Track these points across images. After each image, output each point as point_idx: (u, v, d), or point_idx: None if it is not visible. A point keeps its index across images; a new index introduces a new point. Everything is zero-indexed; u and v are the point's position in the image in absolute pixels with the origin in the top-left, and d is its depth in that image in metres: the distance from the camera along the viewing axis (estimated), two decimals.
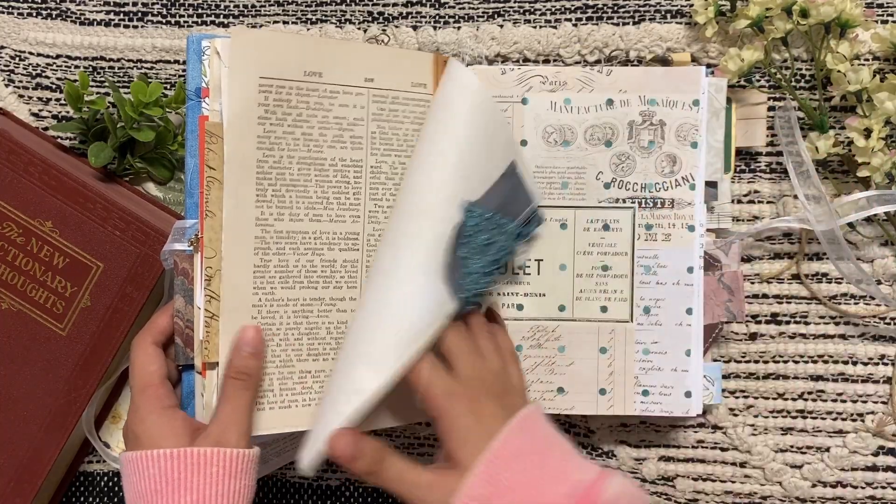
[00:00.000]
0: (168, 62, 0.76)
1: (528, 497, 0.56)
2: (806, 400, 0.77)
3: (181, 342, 0.64)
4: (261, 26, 0.76)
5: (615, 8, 0.75)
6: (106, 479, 0.79)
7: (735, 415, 0.77)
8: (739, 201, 0.76)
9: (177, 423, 0.61)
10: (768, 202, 0.76)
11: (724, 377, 0.77)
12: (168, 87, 0.76)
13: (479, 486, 0.56)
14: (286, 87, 0.63)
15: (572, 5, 0.75)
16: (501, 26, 0.75)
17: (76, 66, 0.76)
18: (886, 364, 0.76)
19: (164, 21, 0.76)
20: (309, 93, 0.64)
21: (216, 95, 0.62)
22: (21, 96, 0.76)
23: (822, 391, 0.77)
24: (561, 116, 0.71)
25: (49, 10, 0.76)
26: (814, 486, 0.77)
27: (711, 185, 0.71)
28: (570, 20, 0.75)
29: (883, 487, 0.77)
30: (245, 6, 0.76)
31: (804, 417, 0.77)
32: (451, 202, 0.61)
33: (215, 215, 0.62)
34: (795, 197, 0.74)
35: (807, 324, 0.76)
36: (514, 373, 0.65)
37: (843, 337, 0.76)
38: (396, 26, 0.75)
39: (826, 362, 0.76)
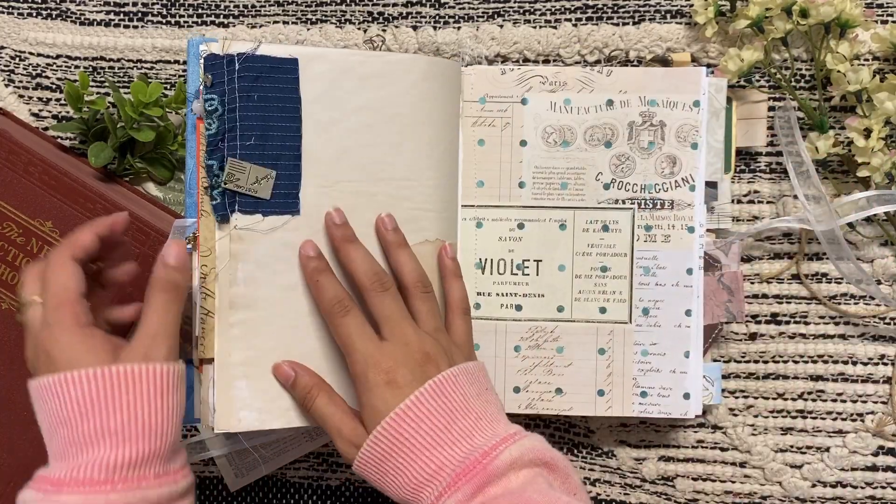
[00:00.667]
0: (168, 62, 0.76)
1: (422, 455, 0.57)
2: (806, 400, 0.77)
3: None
4: (261, 26, 0.76)
5: (615, 8, 0.75)
6: None
7: (735, 415, 0.77)
8: (739, 201, 0.76)
9: (96, 342, 0.57)
10: (768, 202, 0.76)
11: (724, 377, 0.77)
12: (168, 87, 0.76)
13: (380, 444, 0.58)
14: None
15: (572, 5, 0.75)
16: (501, 26, 0.75)
17: (76, 66, 0.76)
18: (886, 364, 0.76)
19: (164, 21, 0.76)
20: None
21: None
22: (21, 96, 0.77)
23: (822, 391, 0.76)
24: (561, 117, 0.71)
25: (49, 10, 0.76)
26: (814, 486, 0.77)
27: (711, 185, 0.71)
28: (570, 20, 0.75)
29: (883, 487, 0.77)
30: (245, 6, 0.76)
31: (804, 417, 0.77)
32: None
33: (210, 214, 0.63)
34: (795, 197, 0.74)
35: (807, 324, 0.76)
36: (457, 328, 0.66)
37: (842, 337, 0.76)
38: (396, 26, 0.75)
39: (826, 362, 0.76)
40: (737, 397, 0.77)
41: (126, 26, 0.76)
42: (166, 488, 0.56)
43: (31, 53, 0.76)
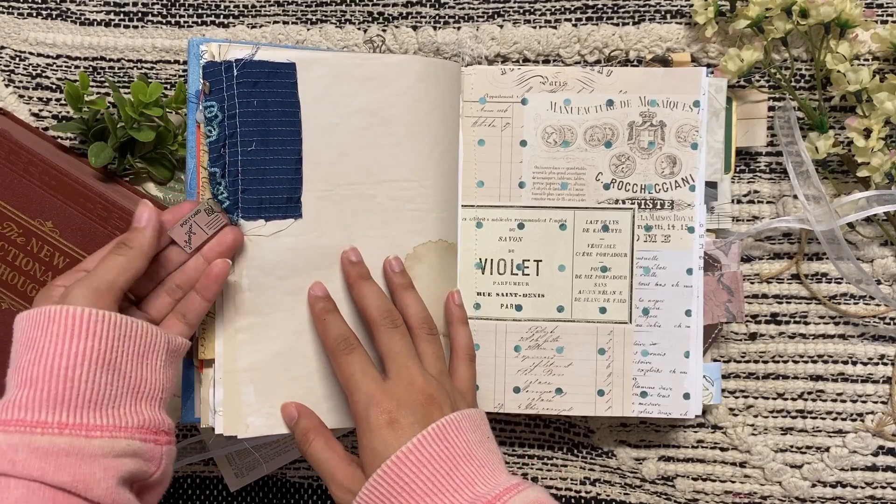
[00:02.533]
0: (168, 62, 0.76)
1: (422, 501, 0.55)
2: (806, 400, 0.77)
3: None
4: (261, 26, 0.76)
5: (615, 8, 0.75)
6: None
7: (735, 415, 0.77)
8: (739, 201, 0.76)
9: (50, 294, 0.57)
10: (768, 202, 0.76)
11: (724, 377, 0.77)
12: (168, 87, 0.76)
13: (379, 489, 0.57)
14: None
15: (572, 5, 0.75)
16: (501, 26, 0.75)
17: (76, 66, 0.76)
18: (886, 364, 0.76)
19: (164, 21, 0.76)
20: None
21: None
22: (21, 96, 0.76)
23: (822, 391, 0.77)
24: (561, 117, 0.71)
25: (49, 10, 0.76)
26: (814, 486, 0.77)
27: (711, 185, 0.71)
28: (570, 20, 0.75)
29: (883, 487, 0.77)
30: (245, 6, 0.76)
31: (804, 417, 0.77)
32: None
33: None
34: (795, 197, 0.74)
35: (806, 324, 0.76)
36: (461, 374, 0.66)
37: (842, 337, 0.76)
38: (396, 26, 0.75)
39: (826, 362, 0.76)
40: (737, 397, 0.77)
41: (126, 26, 0.76)
42: (67, 439, 0.52)
43: (31, 53, 0.76)
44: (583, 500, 0.78)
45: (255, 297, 0.64)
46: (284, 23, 0.76)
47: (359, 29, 0.76)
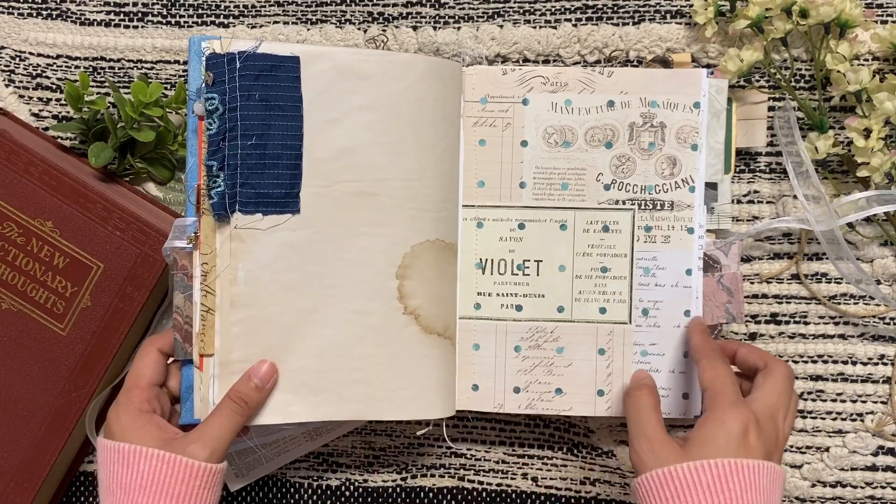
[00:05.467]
0: (168, 62, 0.76)
1: None
2: (806, 400, 0.77)
3: (180, 338, 0.65)
4: (261, 26, 0.76)
5: (615, 8, 0.75)
6: None
7: None
8: (739, 201, 0.76)
9: (148, 427, 0.62)
10: (768, 202, 0.76)
11: None
12: (168, 87, 0.76)
13: (697, 473, 0.56)
14: None
15: (572, 5, 0.75)
16: (501, 26, 0.75)
17: (76, 67, 0.76)
18: (886, 364, 0.76)
19: (164, 21, 0.76)
20: None
21: None
22: (21, 96, 0.77)
23: (822, 391, 0.77)
24: (561, 117, 0.71)
25: (49, 11, 0.76)
26: (813, 486, 0.77)
27: (711, 185, 0.71)
28: (570, 20, 0.75)
29: (882, 487, 0.77)
30: (245, 6, 0.76)
31: (804, 417, 0.77)
32: None
33: (210, 213, 0.63)
34: (795, 197, 0.74)
35: (806, 324, 0.76)
36: (783, 427, 0.64)
37: (842, 337, 0.76)
38: (396, 26, 0.75)
39: (826, 362, 0.76)
40: None
41: (126, 26, 0.76)
42: None
43: (31, 53, 0.76)
44: (583, 500, 0.78)
45: (250, 291, 0.64)
46: (284, 23, 0.76)
47: (359, 29, 0.76)
